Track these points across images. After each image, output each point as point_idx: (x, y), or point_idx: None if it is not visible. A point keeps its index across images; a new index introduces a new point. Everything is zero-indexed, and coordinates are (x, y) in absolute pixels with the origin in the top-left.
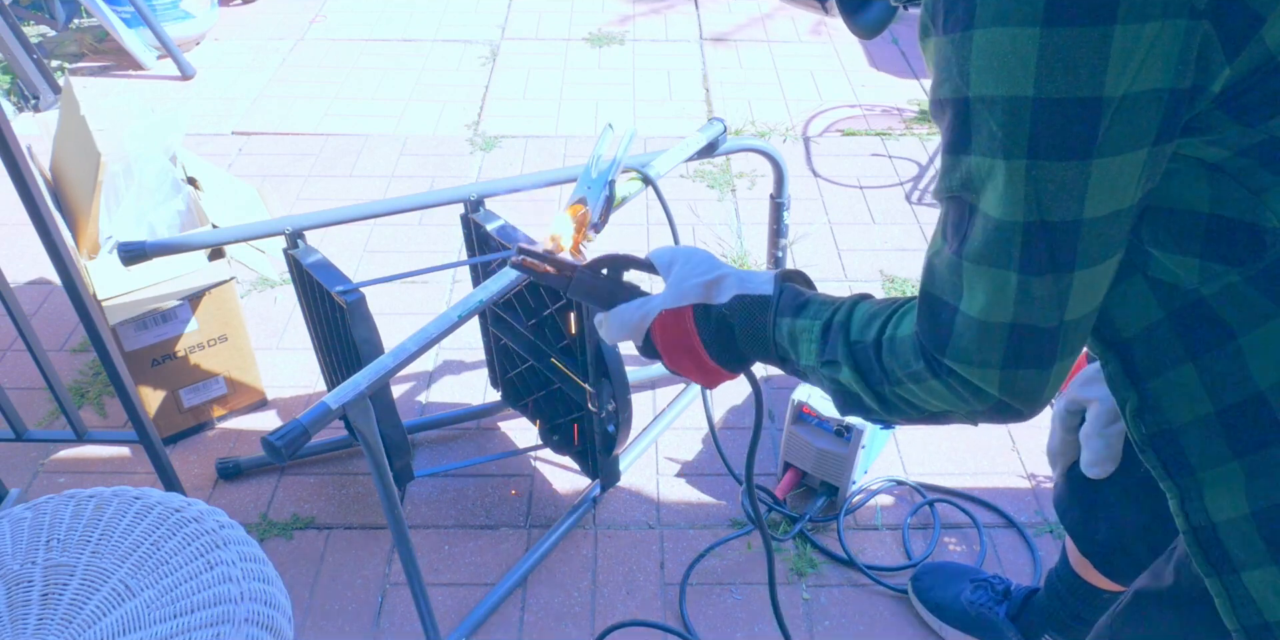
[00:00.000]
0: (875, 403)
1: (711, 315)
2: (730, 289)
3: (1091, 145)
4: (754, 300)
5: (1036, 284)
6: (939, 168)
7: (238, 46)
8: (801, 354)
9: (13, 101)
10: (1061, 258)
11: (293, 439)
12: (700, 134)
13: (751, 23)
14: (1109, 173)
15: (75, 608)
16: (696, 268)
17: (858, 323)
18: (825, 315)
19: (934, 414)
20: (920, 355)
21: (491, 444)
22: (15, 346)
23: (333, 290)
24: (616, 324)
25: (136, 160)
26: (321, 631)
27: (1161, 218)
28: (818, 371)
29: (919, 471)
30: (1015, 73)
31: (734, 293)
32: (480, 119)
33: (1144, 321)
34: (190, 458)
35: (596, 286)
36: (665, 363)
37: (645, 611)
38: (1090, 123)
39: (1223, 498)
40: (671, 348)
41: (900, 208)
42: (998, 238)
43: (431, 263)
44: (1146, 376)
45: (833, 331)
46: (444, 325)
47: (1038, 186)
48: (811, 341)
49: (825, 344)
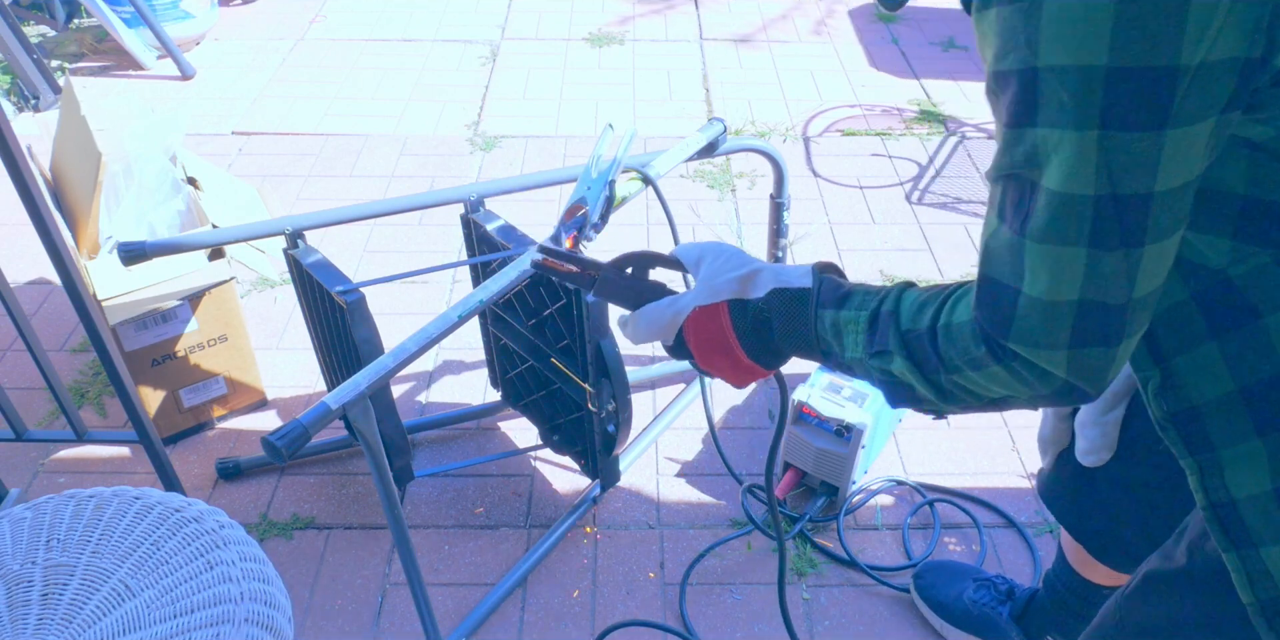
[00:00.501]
0: (931, 392)
1: (749, 311)
2: (766, 283)
3: (1166, 115)
4: (793, 293)
5: (1107, 259)
6: (998, 145)
7: (238, 46)
8: (847, 346)
9: (13, 101)
10: (1133, 231)
11: (293, 439)
12: (700, 134)
13: (752, 23)
14: (1181, 143)
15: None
16: (728, 262)
17: (908, 311)
18: (871, 305)
19: (994, 400)
20: (981, 341)
21: (491, 444)
22: (15, 346)
23: (333, 290)
24: (645, 324)
25: (136, 160)
26: (321, 631)
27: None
28: (865, 363)
29: (919, 471)
30: (1088, 41)
31: (771, 287)
32: (480, 119)
33: (1169, 301)
34: (190, 458)
35: (622, 286)
36: (697, 362)
37: (645, 611)
38: (1166, 92)
39: (1244, 475)
40: (705, 346)
41: (900, 208)
42: (1065, 213)
43: (431, 263)
44: (1169, 355)
45: (881, 321)
46: (444, 325)
47: (1109, 158)
48: (858, 333)
49: (874, 335)
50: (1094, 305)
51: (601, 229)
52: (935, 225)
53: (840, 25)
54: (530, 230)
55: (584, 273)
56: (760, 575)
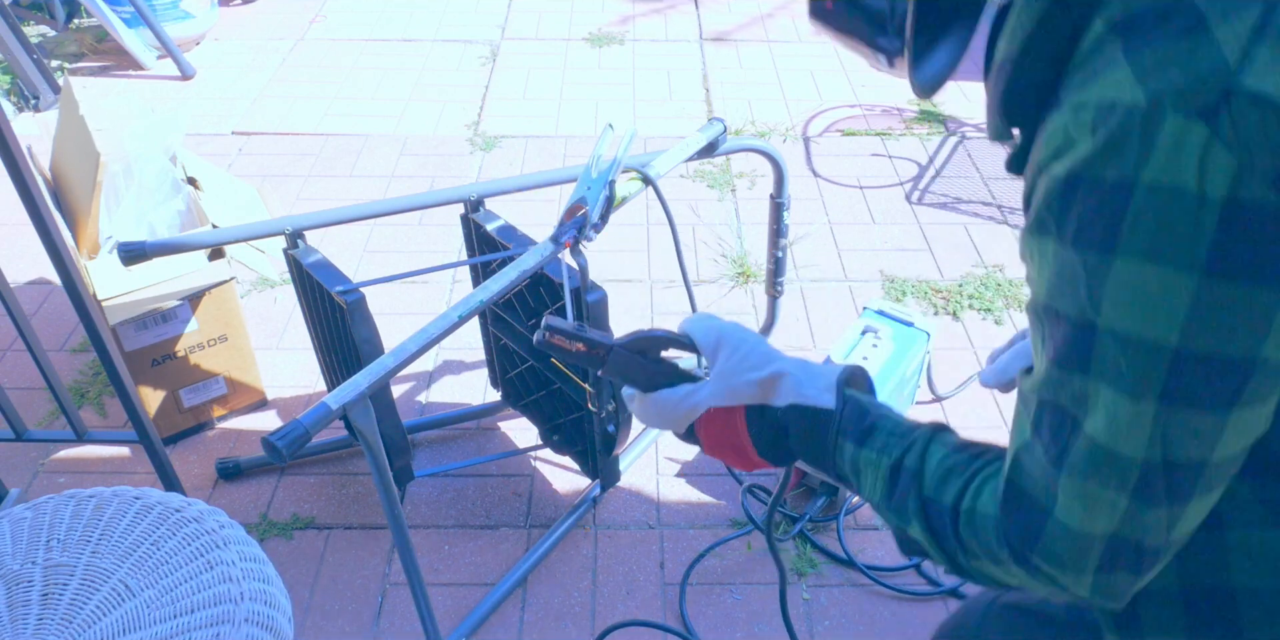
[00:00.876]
0: (945, 564)
1: (766, 417)
2: (787, 394)
3: (1235, 399)
4: (814, 413)
5: (1149, 512)
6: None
7: (238, 46)
8: (865, 486)
9: (13, 101)
10: (1180, 491)
11: (294, 439)
12: (700, 134)
13: (751, 22)
14: (1247, 419)
15: (75, 608)
16: (746, 359)
17: (932, 475)
18: (894, 452)
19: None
20: (1004, 543)
21: (491, 444)
22: (15, 346)
23: (333, 290)
24: (656, 411)
25: (136, 160)
26: (321, 631)
27: None
28: (883, 511)
29: None
30: (1159, 318)
31: (791, 400)
32: (480, 119)
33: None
34: (190, 458)
35: (633, 366)
36: (705, 451)
37: (645, 611)
38: (1238, 380)
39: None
40: (717, 442)
41: (900, 208)
42: (1109, 466)
43: (431, 263)
44: None
45: (904, 477)
46: (444, 325)
47: (1166, 430)
48: (878, 479)
49: (894, 488)
50: (1127, 542)
51: (601, 229)
52: (935, 225)
53: None
54: (530, 230)
55: (592, 352)
56: (760, 575)
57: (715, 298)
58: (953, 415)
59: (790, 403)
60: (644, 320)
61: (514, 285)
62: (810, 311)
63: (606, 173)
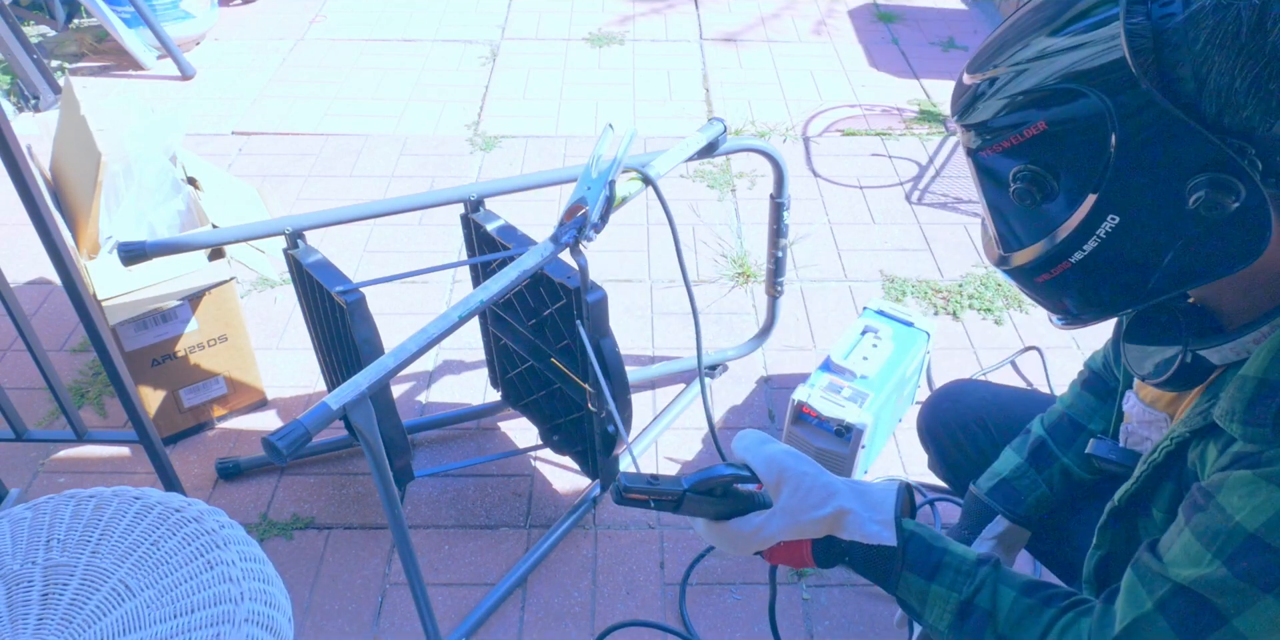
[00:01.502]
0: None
1: (832, 548)
2: (852, 532)
3: None
4: (876, 551)
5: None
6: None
7: (238, 46)
8: (929, 616)
9: (13, 101)
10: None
11: (294, 440)
12: (700, 134)
13: (751, 22)
14: None
15: (75, 608)
16: (809, 496)
17: (1007, 615)
18: (965, 589)
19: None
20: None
21: (491, 444)
22: (15, 346)
23: (333, 290)
24: (727, 539)
25: (136, 160)
26: (321, 631)
27: None
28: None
29: (919, 471)
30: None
31: (855, 538)
32: (480, 119)
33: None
34: (190, 458)
35: (704, 504)
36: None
37: (645, 611)
38: None
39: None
40: (783, 561)
41: (900, 208)
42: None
43: (431, 263)
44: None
45: (976, 615)
46: (444, 325)
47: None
48: (946, 612)
49: (964, 622)
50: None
51: (601, 229)
52: (935, 225)
53: (840, 25)
54: (530, 230)
55: (666, 499)
56: (760, 575)
57: (715, 298)
58: None
59: (854, 541)
60: (644, 320)
61: (514, 285)
62: (810, 311)
63: (606, 173)
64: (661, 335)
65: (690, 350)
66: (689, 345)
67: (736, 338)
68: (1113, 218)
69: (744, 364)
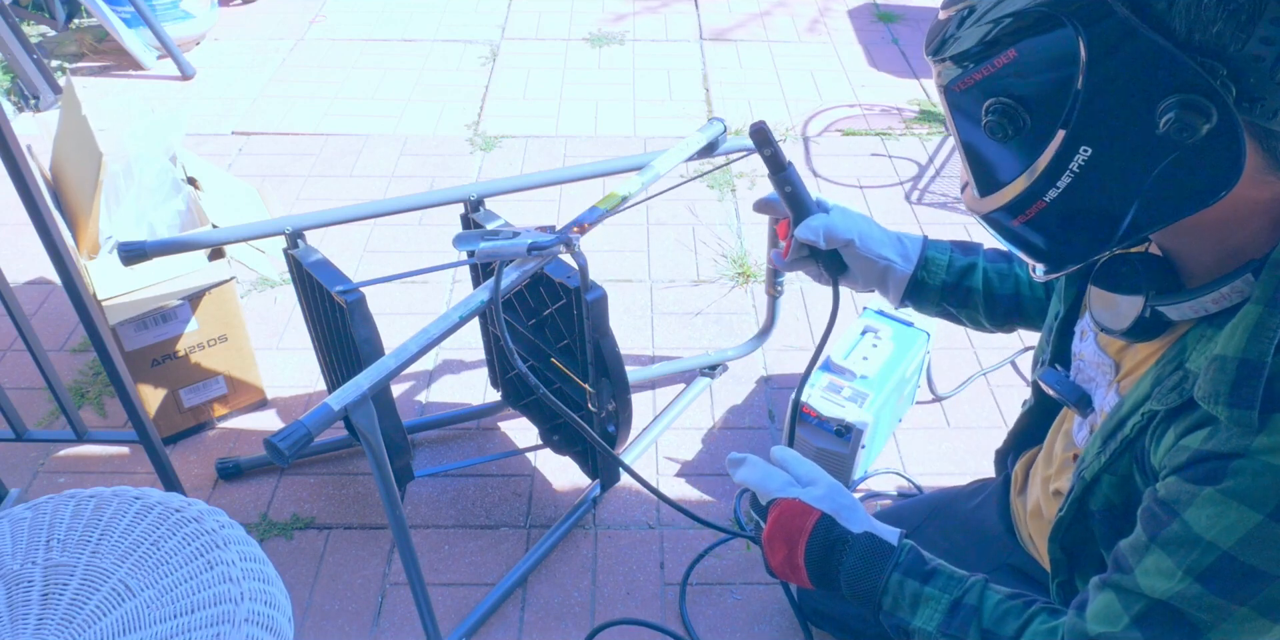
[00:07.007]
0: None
1: (834, 532)
2: (862, 523)
3: None
4: (880, 544)
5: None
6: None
7: (238, 46)
8: (919, 616)
9: (13, 101)
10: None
11: (296, 440)
12: (700, 134)
13: (751, 22)
14: None
15: (75, 608)
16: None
17: (990, 612)
18: (954, 591)
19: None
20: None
21: (491, 444)
22: (15, 346)
23: (333, 290)
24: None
25: (136, 160)
26: (321, 631)
27: None
28: (935, 636)
29: (919, 471)
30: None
31: (865, 528)
32: (480, 119)
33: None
34: (190, 458)
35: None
36: (763, 537)
37: (645, 611)
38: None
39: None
40: (777, 530)
41: (900, 207)
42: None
43: (431, 263)
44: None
45: (963, 612)
46: (445, 325)
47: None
48: (936, 612)
49: (952, 619)
50: None
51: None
52: (935, 225)
53: (840, 25)
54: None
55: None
56: (760, 575)
57: (715, 298)
58: (952, 415)
59: (864, 530)
60: (644, 320)
61: (515, 285)
62: (810, 311)
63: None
64: (661, 335)
65: (690, 350)
66: (689, 345)
67: (736, 338)
68: (1085, 150)
69: (744, 364)
